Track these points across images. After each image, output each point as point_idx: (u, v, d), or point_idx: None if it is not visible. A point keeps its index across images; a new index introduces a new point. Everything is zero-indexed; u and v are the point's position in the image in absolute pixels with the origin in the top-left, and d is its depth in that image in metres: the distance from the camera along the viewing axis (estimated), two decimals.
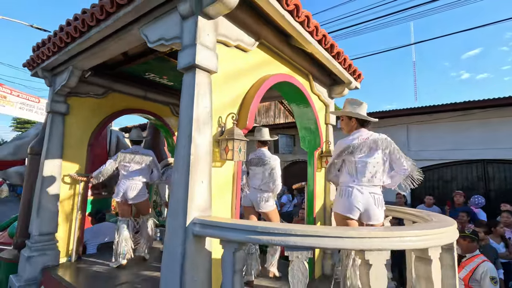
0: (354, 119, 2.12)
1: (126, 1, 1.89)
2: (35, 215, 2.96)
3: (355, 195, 1.89)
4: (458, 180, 6.32)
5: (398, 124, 7.05)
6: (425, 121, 6.68)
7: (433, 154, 6.58)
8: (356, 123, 2.08)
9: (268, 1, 1.80)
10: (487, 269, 2.54)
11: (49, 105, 3.07)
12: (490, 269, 2.55)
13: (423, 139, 6.80)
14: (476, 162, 6.10)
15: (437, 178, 6.61)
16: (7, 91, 10.68)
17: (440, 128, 6.54)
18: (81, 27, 2.30)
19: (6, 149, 5.25)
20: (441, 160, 6.48)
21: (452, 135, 6.38)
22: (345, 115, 2.15)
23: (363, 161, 1.94)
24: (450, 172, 6.44)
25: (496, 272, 2.56)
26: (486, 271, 2.53)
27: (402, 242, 1.32)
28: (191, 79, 1.66)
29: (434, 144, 6.60)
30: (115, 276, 2.73)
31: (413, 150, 6.81)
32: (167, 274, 1.54)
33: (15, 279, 2.86)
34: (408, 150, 6.84)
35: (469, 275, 2.60)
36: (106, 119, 3.63)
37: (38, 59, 3.02)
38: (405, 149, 6.82)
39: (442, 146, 6.49)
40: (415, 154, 6.66)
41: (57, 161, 3.08)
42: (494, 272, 2.53)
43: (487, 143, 5.94)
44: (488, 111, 5.83)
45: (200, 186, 1.59)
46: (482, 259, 2.63)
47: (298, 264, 1.29)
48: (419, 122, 6.78)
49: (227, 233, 1.41)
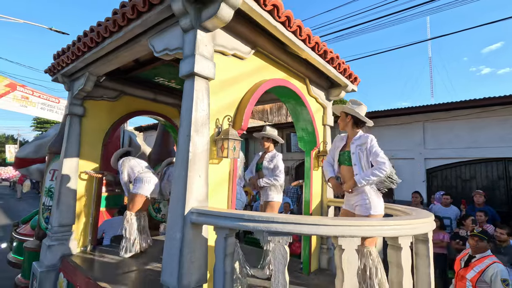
0: (350, 117, 2.31)
1: (135, 16, 2.13)
2: (55, 208, 3.27)
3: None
4: (477, 179, 6.12)
5: (414, 122, 6.91)
6: (442, 119, 6.52)
7: (450, 152, 6.41)
8: (351, 120, 2.26)
9: (260, 15, 2.00)
10: (497, 271, 2.48)
11: (67, 108, 3.38)
12: (501, 270, 2.48)
13: (440, 137, 6.62)
14: (496, 160, 5.88)
15: (455, 177, 6.43)
16: (29, 92, 11.29)
17: (458, 125, 6.35)
18: (96, 38, 2.57)
19: (28, 148, 5.68)
20: (459, 159, 6.29)
21: (470, 133, 6.17)
22: (343, 112, 2.33)
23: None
24: (469, 170, 6.25)
25: (508, 275, 2.48)
26: (496, 272, 2.47)
27: (372, 230, 1.50)
28: (190, 85, 1.89)
29: (452, 142, 6.41)
30: (125, 265, 2.99)
31: (430, 149, 6.67)
32: (168, 257, 1.77)
33: (37, 265, 3.18)
34: (424, 148, 6.73)
35: (477, 276, 2.55)
36: (119, 120, 3.93)
37: (58, 66, 3.33)
38: (421, 147, 6.74)
39: (460, 144, 6.30)
40: (431, 153, 6.57)
41: (75, 159, 3.38)
42: (505, 274, 2.46)
43: (508, 141, 5.72)
44: (509, 107, 5.60)
45: (198, 180, 1.81)
46: (492, 260, 2.57)
47: (279, 248, 1.48)
48: (435, 119, 6.61)
49: (219, 220, 1.62)
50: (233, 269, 1.67)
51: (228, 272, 1.63)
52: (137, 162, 3.57)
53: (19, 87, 11.02)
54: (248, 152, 9.87)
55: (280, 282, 1.47)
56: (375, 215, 2.07)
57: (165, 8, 1.94)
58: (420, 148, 6.81)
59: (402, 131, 7.14)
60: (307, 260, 2.97)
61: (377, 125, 7.54)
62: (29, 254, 3.69)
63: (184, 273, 1.68)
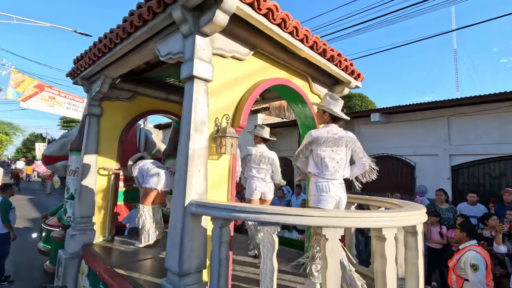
0: (327, 113, 2.38)
1: (141, 23, 2.33)
2: (77, 201, 3.58)
3: (332, 190, 2.19)
4: (508, 176, 5.83)
5: (438, 116, 6.67)
6: (468, 113, 6.25)
7: (477, 148, 6.16)
8: (328, 117, 2.35)
9: (256, 18, 2.12)
10: (468, 257, 2.66)
11: (86, 109, 3.68)
12: (471, 257, 2.66)
13: (466, 132, 6.37)
14: None
15: (482, 174, 6.17)
16: (55, 93, 11.99)
17: (486, 120, 6.08)
18: (109, 44, 2.80)
19: (54, 146, 6.15)
20: (487, 155, 6.02)
21: (499, 128, 5.89)
22: (320, 109, 2.42)
23: (329, 155, 2.22)
24: (498, 167, 5.97)
25: (478, 260, 2.63)
26: (468, 258, 2.66)
27: (354, 222, 1.61)
28: (190, 87, 2.06)
29: (479, 138, 6.14)
30: (139, 254, 3.25)
31: (455, 145, 6.46)
32: (171, 245, 1.96)
33: (62, 252, 3.52)
34: (449, 144, 6.52)
35: (455, 263, 2.77)
36: (133, 119, 4.20)
37: (78, 70, 3.62)
38: (446, 143, 6.55)
39: (487, 139, 6.02)
40: (457, 149, 6.38)
41: (94, 156, 3.68)
42: (474, 260, 2.63)
43: None
44: None
45: (197, 175, 1.98)
46: (470, 248, 2.74)
47: (268, 237, 1.62)
48: (461, 114, 6.35)
49: (214, 211, 1.79)
50: (228, 255, 1.83)
51: (223, 259, 1.79)
52: (145, 162, 3.82)
53: (46, 88, 11.74)
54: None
55: (269, 268, 1.61)
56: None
57: (167, 16, 2.11)
58: (445, 144, 6.60)
59: (425, 126, 6.92)
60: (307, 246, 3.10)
61: (397, 121, 7.36)
62: (55, 243, 4.07)
63: (184, 259, 1.86)
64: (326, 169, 2.25)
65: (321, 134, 2.28)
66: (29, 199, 13.03)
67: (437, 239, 4.36)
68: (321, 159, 2.26)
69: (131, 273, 2.65)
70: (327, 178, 2.25)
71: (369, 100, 25.26)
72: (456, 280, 2.79)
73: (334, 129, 2.30)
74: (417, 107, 6.77)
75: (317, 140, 2.26)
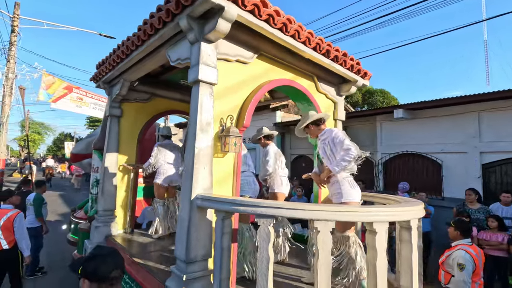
0: (309, 126, 2.71)
1: (153, 32, 2.55)
2: (100, 196, 3.92)
3: None
4: None
5: (467, 112, 6.34)
6: (501, 108, 5.89)
7: (510, 145, 5.83)
8: (312, 127, 2.68)
9: (257, 24, 2.27)
10: (456, 256, 2.77)
11: (107, 110, 4.00)
12: (459, 256, 2.76)
13: (498, 128, 6.00)
14: None
15: None
16: (83, 94, 12.72)
17: None
18: (126, 51, 3.06)
19: (81, 145, 6.64)
20: None
21: None
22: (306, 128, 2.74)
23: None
24: None
25: (465, 260, 2.72)
26: (456, 257, 2.77)
27: (345, 215, 1.72)
28: (196, 90, 2.24)
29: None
30: (154, 244, 3.53)
31: (486, 141, 6.13)
32: (179, 235, 2.17)
33: (88, 242, 3.87)
34: (479, 141, 6.20)
35: (444, 260, 2.92)
36: (151, 119, 4.49)
37: (100, 75, 3.94)
38: (476, 140, 6.24)
39: None
40: (488, 146, 6.07)
41: (114, 154, 4.00)
42: (462, 260, 2.72)
43: None
44: None
45: (203, 171, 2.17)
46: (460, 247, 2.83)
47: (264, 228, 1.78)
48: (493, 109, 6.00)
49: (217, 204, 1.97)
50: (230, 245, 2.01)
51: (225, 248, 1.97)
52: (164, 154, 4.07)
53: (74, 89, 12.48)
54: (284, 147, 10.00)
55: (265, 257, 1.77)
56: (347, 202, 2.32)
57: (176, 24, 2.30)
58: (475, 141, 6.27)
59: (453, 123, 6.60)
60: None
61: (422, 117, 7.09)
62: (82, 234, 4.46)
63: (191, 248, 2.06)
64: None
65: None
66: (59, 195, 13.99)
67: None
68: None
69: (146, 261, 2.91)
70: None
71: (391, 96, 24.58)
72: (444, 276, 2.90)
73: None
74: (445, 102, 6.41)
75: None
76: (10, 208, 3.63)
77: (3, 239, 3.37)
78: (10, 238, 3.42)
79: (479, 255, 2.83)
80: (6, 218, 3.45)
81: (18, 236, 3.49)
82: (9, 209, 3.59)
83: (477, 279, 2.78)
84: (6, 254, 3.42)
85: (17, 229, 3.49)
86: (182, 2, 2.08)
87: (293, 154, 9.70)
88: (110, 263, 1.30)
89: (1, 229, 3.38)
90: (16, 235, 3.47)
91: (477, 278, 2.78)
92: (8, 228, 3.42)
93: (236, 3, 2.09)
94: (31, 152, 32.93)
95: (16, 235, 3.48)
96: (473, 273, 2.72)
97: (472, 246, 2.86)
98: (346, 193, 2.39)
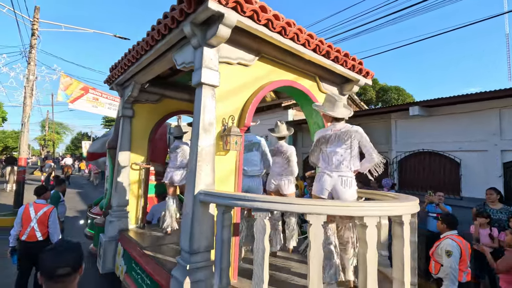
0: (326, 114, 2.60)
1: (160, 38, 2.73)
2: (114, 192, 4.18)
3: (325, 179, 2.40)
4: None
5: (487, 108, 6.12)
6: None
7: None
8: (330, 117, 2.56)
9: (256, 29, 2.41)
10: (445, 244, 3.02)
11: (120, 111, 4.24)
12: (447, 244, 3.03)
13: None
14: None
15: None
16: (98, 94, 13.22)
17: None
18: (136, 55, 3.27)
19: (97, 144, 7.00)
20: None
21: None
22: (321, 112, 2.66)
23: (333, 150, 2.42)
24: None
25: (452, 247, 2.96)
26: (443, 246, 3.01)
27: (336, 210, 1.84)
28: (199, 92, 2.41)
29: None
30: (164, 238, 3.74)
31: (508, 139, 5.90)
32: (184, 228, 2.34)
33: (103, 236, 4.14)
34: (501, 139, 5.99)
35: (433, 250, 3.20)
36: (161, 119, 4.71)
37: (113, 77, 4.19)
38: (497, 138, 6.05)
39: None
40: (510, 144, 5.85)
41: (127, 152, 4.24)
42: (450, 247, 2.99)
43: None
44: None
45: (205, 168, 2.33)
46: (448, 237, 3.08)
47: (260, 221, 1.92)
48: None
49: (217, 199, 2.13)
50: (230, 237, 2.17)
51: (225, 240, 2.13)
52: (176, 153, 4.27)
53: (90, 90, 13.00)
54: (296, 144, 10.04)
55: (260, 247, 1.91)
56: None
57: (180, 31, 2.47)
58: (496, 139, 6.06)
59: (472, 120, 6.40)
60: None
61: (439, 114, 6.93)
62: (98, 228, 4.75)
63: (194, 240, 2.23)
64: (331, 163, 2.45)
65: (324, 133, 2.54)
66: (78, 192, 14.63)
67: (487, 242, 4.07)
68: (327, 155, 2.49)
69: (156, 254, 3.11)
70: (330, 170, 2.46)
71: (406, 93, 24.09)
72: (434, 265, 3.14)
73: (337, 126, 2.51)
74: (463, 98, 6.16)
75: (322, 139, 2.51)
76: (44, 203, 3.91)
77: (38, 231, 3.67)
78: (44, 230, 3.71)
79: (465, 245, 3.05)
80: (43, 212, 3.73)
81: (51, 229, 3.78)
82: (44, 204, 3.87)
83: (464, 267, 2.99)
84: (40, 245, 3.72)
85: (51, 223, 3.78)
86: (185, 10, 2.24)
87: (304, 152, 9.77)
88: (61, 259, 1.24)
89: (37, 222, 3.67)
90: (50, 228, 3.76)
91: (464, 267, 2.99)
92: (43, 221, 3.71)
93: (236, 10, 2.24)
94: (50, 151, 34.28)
95: (50, 229, 3.77)
96: (460, 260, 2.95)
97: (459, 237, 3.09)
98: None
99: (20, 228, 3.65)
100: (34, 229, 3.66)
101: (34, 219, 3.67)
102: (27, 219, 3.65)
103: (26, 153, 9.58)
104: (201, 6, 2.14)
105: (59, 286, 1.24)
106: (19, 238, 3.65)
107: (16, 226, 3.65)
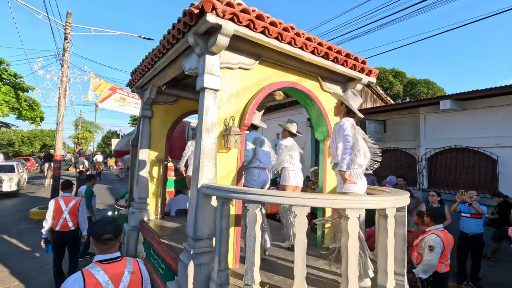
0: (344, 106, 2.77)
1: (170, 46, 3.07)
2: (135, 185, 4.63)
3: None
4: None
5: None
6: None
7: None
8: (344, 109, 2.74)
9: (253, 36, 2.66)
10: (428, 239, 3.16)
11: (140, 112, 4.68)
12: (430, 239, 3.15)
13: None
14: None
15: None
16: (125, 94, 14.06)
17: None
18: (151, 62, 3.64)
19: (122, 142, 7.62)
20: None
21: None
22: (340, 100, 2.80)
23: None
24: None
25: (435, 243, 3.09)
26: (427, 241, 3.15)
27: (319, 202, 2.07)
28: (203, 96, 2.71)
29: None
30: (179, 228, 4.12)
31: None
32: (189, 218, 2.67)
33: (126, 226, 4.62)
34: None
35: (417, 243, 3.34)
36: (178, 119, 5.11)
37: (133, 81, 4.63)
38: None
39: None
40: None
41: (147, 150, 4.68)
42: (433, 242, 3.11)
43: None
44: None
45: (208, 164, 2.64)
46: (432, 232, 3.21)
47: (252, 212, 2.19)
48: None
49: (217, 192, 2.42)
50: (228, 227, 2.46)
51: (224, 229, 2.42)
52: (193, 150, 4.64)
53: (118, 90, 13.86)
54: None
55: (252, 235, 2.18)
56: (348, 193, 2.54)
57: (185, 40, 2.78)
58: None
59: (502, 115, 6.15)
60: (320, 235, 3.54)
61: (473, 108, 6.69)
62: (122, 218, 5.27)
63: (198, 228, 2.55)
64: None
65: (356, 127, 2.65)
66: (107, 188, 15.73)
67: None
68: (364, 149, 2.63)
69: (171, 242, 3.49)
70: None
71: (437, 86, 22.87)
72: (416, 256, 3.28)
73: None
74: (501, 90, 5.89)
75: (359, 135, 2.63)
76: (71, 196, 4.46)
77: (70, 221, 4.21)
78: (75, 220, 4.26)
79: (449, 240, 3.18)
80: (73, 204, 4.27)
81: (81, 219, 4.32)
82: (72, 197, 4.41)
83: (444, 260, 3.15)
84: (72, 234, 4.27)
85: (81, 213, 4.32)
86: (188, 22, 2.55)
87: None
88: (105, 228, 1.81)
89: (69, 214, 4.21)
90: (79, 218, 4.30)
91: (444, 260, 3.15)
92: (74, 212, 4.25)
93: (233, 20, 2.50)
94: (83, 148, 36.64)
95: (79, 218, 4.31)
96: (442, 254, 3.09)
97: (443, 232, 3.21)
98: (347, 184, 2.55)
99: (53, 220, 4.17)
100: (67, 219, 4.19)
101: (65, 211, 4.19)
102: (59, 212, 4.18)
103: (61, 151, 10.51)
104: (201, 19, 2.43)
105: (105, 247, 1.80)
106: (53, 229, 4.17)
107: (49, 219, 4.16)
